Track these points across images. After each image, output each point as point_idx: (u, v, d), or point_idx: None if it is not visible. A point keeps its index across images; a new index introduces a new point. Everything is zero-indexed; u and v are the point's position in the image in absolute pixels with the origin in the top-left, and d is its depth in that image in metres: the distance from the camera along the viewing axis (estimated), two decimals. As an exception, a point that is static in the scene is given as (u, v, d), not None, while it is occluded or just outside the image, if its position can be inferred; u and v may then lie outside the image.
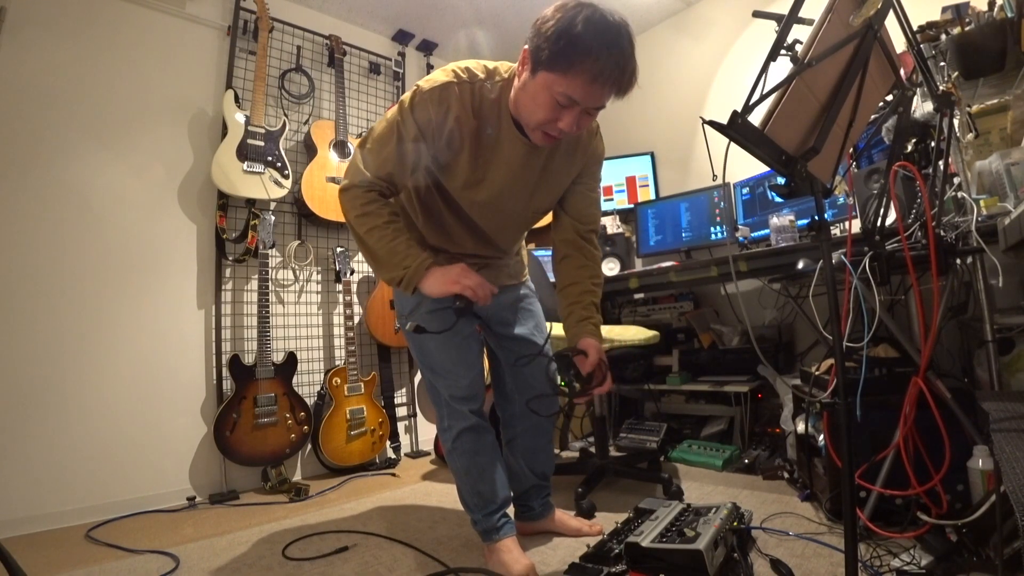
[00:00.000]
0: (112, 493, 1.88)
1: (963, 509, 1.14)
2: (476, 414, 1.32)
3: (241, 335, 2.25)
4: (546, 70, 0.94)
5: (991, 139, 1.31)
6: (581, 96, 0.94)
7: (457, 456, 1.31)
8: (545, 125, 1.00)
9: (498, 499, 1.30)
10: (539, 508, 1.47)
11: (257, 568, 1.34)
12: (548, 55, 0.92)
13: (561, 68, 0.92)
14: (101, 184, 2.01)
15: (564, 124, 0.98)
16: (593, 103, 0.97)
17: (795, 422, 1.68)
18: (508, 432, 1.46)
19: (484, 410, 1.36)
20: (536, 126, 1.01)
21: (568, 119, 0.97)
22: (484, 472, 1.30)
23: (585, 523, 1.48)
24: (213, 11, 2.36)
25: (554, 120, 0.98)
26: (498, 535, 1.28)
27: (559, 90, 0.94)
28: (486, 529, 1.28)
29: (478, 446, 1.31)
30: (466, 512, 1.35)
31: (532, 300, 1.45)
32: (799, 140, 0.88)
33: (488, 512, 1.29)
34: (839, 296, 1.06)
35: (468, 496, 1.31)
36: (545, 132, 1.02)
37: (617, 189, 2.95)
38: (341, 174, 2.40)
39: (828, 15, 0.87)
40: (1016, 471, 0.70)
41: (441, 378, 1.30)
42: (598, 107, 0.99)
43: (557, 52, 0.91)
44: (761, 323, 2.35)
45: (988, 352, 1.30)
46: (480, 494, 1.29)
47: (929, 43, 1.48)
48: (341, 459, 2.24)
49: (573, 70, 0.91)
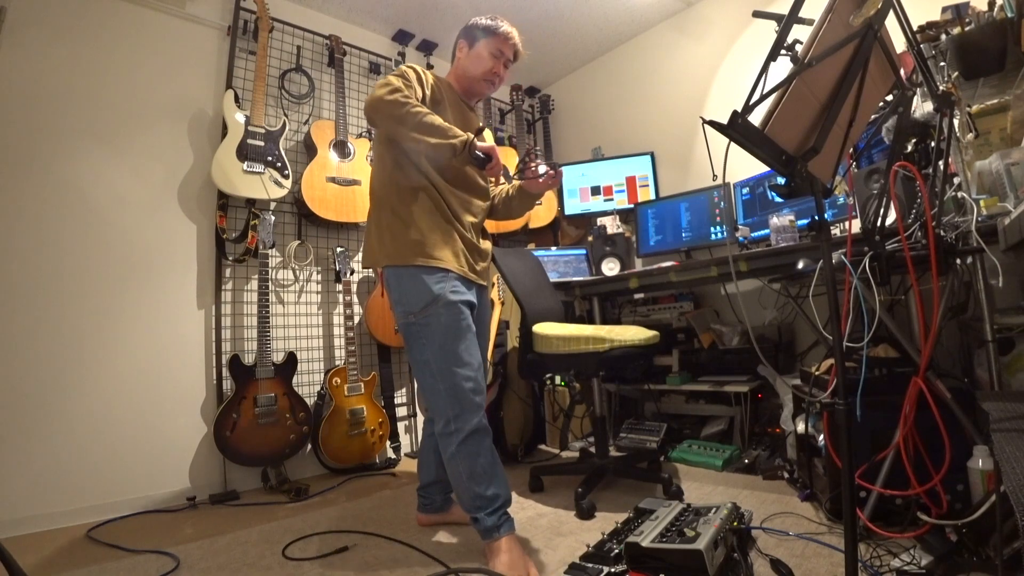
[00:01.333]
0: (112, 493, 1.88)
1: (963, 509, 1.14)
2: (483, 414, 1.33)
3: (241, 335, 2.25)
4: (483, 38, 1.54)
5: (991, 139, 1.31)
6: (504, 49, 1.55)
7: (461, 460, 1.30)
8: (487, 74, 1.54)
9: (500, 499, 1.31)
10: (440, 502, 1.61)
11: (257, 568, 1.35)
12: (482, 32, 1.55)
13: (491, 35, 1.54)
14: (101, 184, 2.01)
15: (498, 70, 1.56)
16: (509, 55, 1.57)
17: (795, 422, 1.68)
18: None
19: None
20: (482, 76, 1.54)
21: (500, 67, 1.56)
22: (487, 474, 1.30)
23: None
24: (213, 11, 2.36)
25: (493, 69, 1.54)
26: (498, 533, 1.28)
27: (493, 47, 1.54)
28: (487, 528, 1.29)
29: (481, 448, 1.31)
30: (464, 511, 1.35)
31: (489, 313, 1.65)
32: (799, 140, 0.88)
33: (490, 511, 1.29)
34: (839, 296, 1.06)
35: (469, 499, 1.31)
36: (487, 80, 1.56)
37: (617, 189, 2.96)
38: (341, 174, 2.42)
39: (828, 15, 0.87)
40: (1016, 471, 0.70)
41: (459, 371, 1.30)
42: (511, 60, 1.59)
43: (485, 28, 1.55)
44: (761, 323, 2.35)
45: (988, 352, 1.30)
46: (482, 496, 1.29)
47: (929, 43, 1.48)
48: (341, 459, 2.24)
49: (497, 35, 1.54)
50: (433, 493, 1.60)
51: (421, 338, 1.33)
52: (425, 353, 1.32)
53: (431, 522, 1.61)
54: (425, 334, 1.32)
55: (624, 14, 2.93)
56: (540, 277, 2.13)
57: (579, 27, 3.02)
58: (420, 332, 1.33)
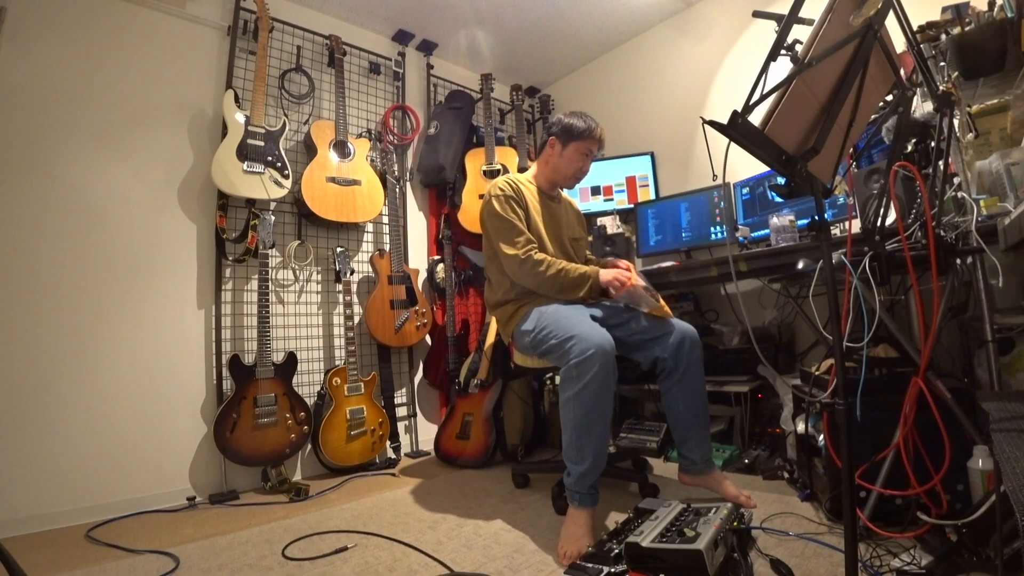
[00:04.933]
0: (112, 493, 1.88)
1: (963, 509, 1.14)
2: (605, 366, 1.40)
3: (241, 335, 2.25)
4: (576, 141, 1.72)
5: (991, 139, 1.31)
6: (593, 148, 1.75)
7: (573, 405, 1.40)
8: (578, 172, 1.77)
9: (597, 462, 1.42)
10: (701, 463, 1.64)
11: (257, 568, 1.35)
12: (576, 135, 1.72)
13: (584, 138, 1.73)
14: (101, 184, 2.01)
15: (587, 167, 1.78)
16: (596, 151, 1.77)
17: (795, 422, 1.68)
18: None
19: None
20: (572, 175, 1.77)
21: (588, 163, 1.77)
22: (593, 429, 1.41)
23: (743, 493, 1.56)
24: (213, 11, 2.36)
25: (583, 168, 1.77)
26: (575, 500, 1.41)
27: (584, 148, 1.73)
28: (569, 488, 1.42)
29: (600, 399, 1.39)
30: (564, 461, 1.46)
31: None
32: (799, 140, 0.88)
33: (579, 473, 1.40)
34: (839, 296, 1.06)
35: (572, 449, 1.43)
36: (576, 177, 1.78)
37: (617, 189, 2.95)
38: (341, 174, 2.42)
39: (828, 15, 0.87)
40: (1016, 471, 0.70)
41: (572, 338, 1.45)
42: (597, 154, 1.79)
43: (580, 133, 1.72)
44: (761, 323, 2.35)
45: (988, 352, 1.30)
46: (584, 448, 1.41)
47: (929, 43, 1.48)
48: (341, 459, 2.24)
49: (590, 138, 1.73)
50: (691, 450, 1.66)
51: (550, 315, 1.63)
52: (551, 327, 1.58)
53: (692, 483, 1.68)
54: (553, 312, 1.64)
55: (624, 14, 2.93)
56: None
57: (579, 27, 3.02)
58: (546, 314, 1.63)
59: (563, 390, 1.44)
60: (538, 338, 1.56)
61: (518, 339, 1.69)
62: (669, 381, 1.65)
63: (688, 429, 1.63)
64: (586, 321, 1.50)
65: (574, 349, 1.40)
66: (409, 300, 2.58)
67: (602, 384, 1.38)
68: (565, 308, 1.58)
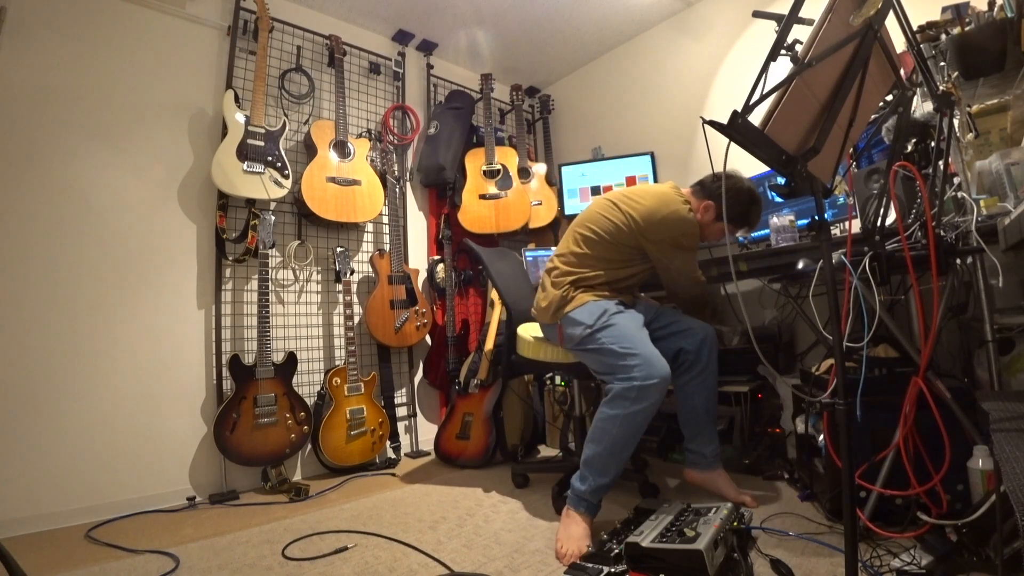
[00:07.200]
0: (112, 493, 1.88)
1: (963, 509, 1.14)
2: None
3: (241, 335, 2.25)
4: (731, 223, 1.65)
5: (991, 139, 1.31)
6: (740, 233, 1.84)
7: (619, 423, 1.41)
8: (712, 239, 1.73)
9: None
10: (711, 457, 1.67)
11: (257, 568, 1.35)
12: (734, 220, 1.63)
13: (741, 223, 1.67)
14: (101, 184, 2.01)
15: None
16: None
17: (795, 422, 1.68)
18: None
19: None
20: (706, 239, 1.71)
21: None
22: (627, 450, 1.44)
23: (745, 494, 1.58)
24: (213, 11, 2.36)
25: (717, 240, 1.76)
26: (581, 507, 1.41)
27: (739, 233, 1.81)
28: (579, 495, 1.42)
29: (644, 425, 1.43)
30: (582, 467, 1.46)
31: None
32: (799, 140, 0.88)
33: (598, 486, 1.42)
34: (839, 296, 1.06)
35: (599, 462, 1.43)
36: (705, 240, 1.73)
37: (617, 188, 2.95)
38: (341, 174, 2.42)
39: (828, 15, 0.87)
40: (1016, 471, 0.70)
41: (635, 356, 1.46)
42: None
43: (740, 216, 1.63)
44: (761, 323, 2.35)
45: (988, 352, 1.30)
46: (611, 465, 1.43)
47: (929, 43, 1.48)
48: (341, 459, 2.24)
49: (747, 223, 1.68)
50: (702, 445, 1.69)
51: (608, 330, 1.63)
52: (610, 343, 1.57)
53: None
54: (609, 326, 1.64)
55: (624, 14, 2.93)
56: (522, 277, 2.14)
57: (579, 27, 3.02)
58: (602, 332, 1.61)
59: (612, 406, 1.43)
60: (595, 335, 1.52)
61: (567, 326, 1.61)
62: (690, 374, 1.66)
63: (702, 423, 1.66)
64: (649, 343, 1.49)
65: (638, 371, 1.40)
66: (409, 300, 2.58)
67: (652, 412, 1.41)
68: (627, 317, 1.57)
